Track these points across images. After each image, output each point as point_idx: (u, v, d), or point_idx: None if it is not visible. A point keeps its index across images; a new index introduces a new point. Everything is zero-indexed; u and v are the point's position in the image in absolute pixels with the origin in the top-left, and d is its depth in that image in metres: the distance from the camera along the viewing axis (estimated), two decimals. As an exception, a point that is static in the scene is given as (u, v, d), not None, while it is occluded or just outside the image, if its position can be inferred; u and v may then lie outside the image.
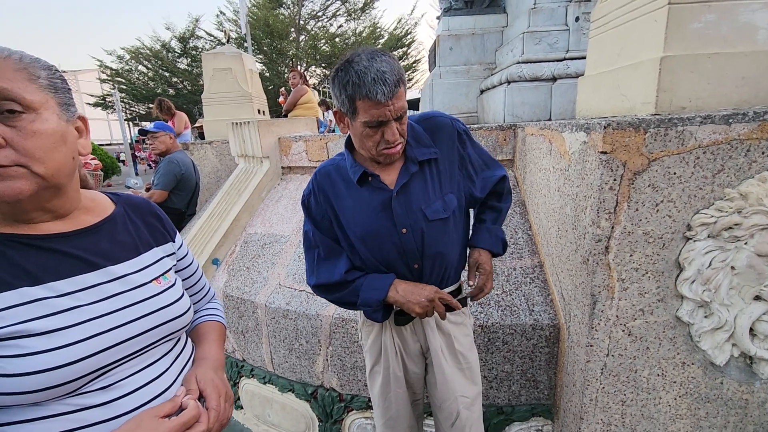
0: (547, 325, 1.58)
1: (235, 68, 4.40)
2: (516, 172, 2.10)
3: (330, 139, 2.38)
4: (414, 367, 1.31)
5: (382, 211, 1.15)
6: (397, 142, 1.09)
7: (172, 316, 0.78)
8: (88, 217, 0.76)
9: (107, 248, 0.75)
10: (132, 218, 0.84)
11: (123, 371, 0.71)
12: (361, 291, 1.17)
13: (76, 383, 0.64)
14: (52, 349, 0.61)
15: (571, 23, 3.98)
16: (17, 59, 0.63)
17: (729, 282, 1.21)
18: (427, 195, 1.16)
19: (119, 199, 0.85)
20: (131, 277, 0.76)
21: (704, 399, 1.34)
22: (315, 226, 1.23)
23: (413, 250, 1.17)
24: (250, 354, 2.19)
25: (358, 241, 1.18)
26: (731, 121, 1.14)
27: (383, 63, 1.01)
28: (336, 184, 1.19)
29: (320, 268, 1.23)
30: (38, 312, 0.63)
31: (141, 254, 0.80)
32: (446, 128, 1.21)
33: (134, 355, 0.73)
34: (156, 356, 0.77)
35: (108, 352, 0.68)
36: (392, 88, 0.99)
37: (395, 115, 1.04)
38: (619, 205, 1.22)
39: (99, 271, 0.72)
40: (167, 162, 3.21)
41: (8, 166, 0.60)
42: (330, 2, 17.64)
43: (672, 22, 1.33)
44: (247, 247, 2.39)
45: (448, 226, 1.19)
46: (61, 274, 0.68)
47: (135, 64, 18.16)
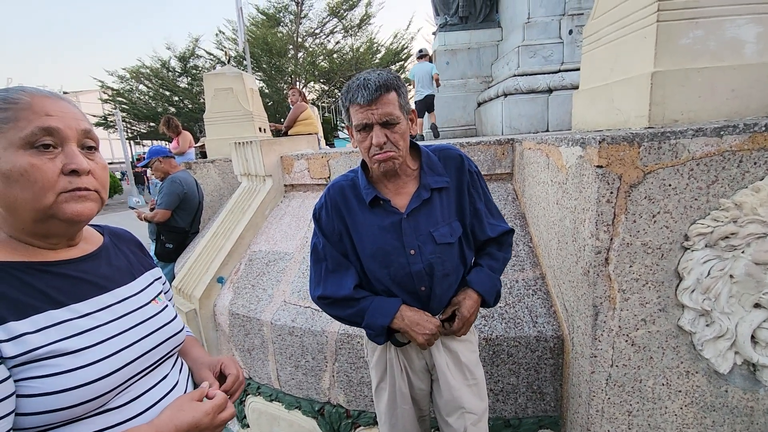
0: (551, 336, 1.60)
1: (236, 88, 4.48)
2: (515, 185, 2.13)
3: (332, 156, 2.42)
4: (420, 383, 1.32)
5: (391, 231, 1.19)
6: (386, 149, 1.12)
7: (172, 333, 0.87)
8: (87, 245, 0.84)
9: (108, 273, 0.83)
10: (119, 247, 0.92)
11: (141, 386, 0.77)
12: (368, 314, 1.19)
13: (104, 398, 0.69)
14: (83, 366, 0.67)
15: (565, 36, 4.07)
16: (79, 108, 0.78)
17: (728, 290, 1.23)
18: (436, 220, 1.20)
19: (104, 230, 0.93)
20: (133, 299, 0.83)
21: (710, 407, 1.35)
22: (325, 238, 1.25)
23: (420, 271, 1.19)
24: (256, 372, 2.20)
25: (368, 258, 1.21)
26: (722, 133, 1.17)
27: (373, 73, 1.10)
28: (349, 200, 1.23)
29: (327, 281, 1.24)
30: (66, 332, 0.69)
31: (136, 278, 0.88)
32: (458, 161, 1.26)
33: (148, 370, 0.80)
34: (166, 370, 0.85)
35: (128, 367, 0.74)
36: (372, 92, 1.07)
37: (379, 119, 1.09)
38: (617, 218, 1.25)
39: (108, 293, 0.79)
40: (170, 182, 3.26)
41: (91, 190, 0.74)
42: (327, 20, 17.95)
43: (661, 38, 1.38)
44: (251, 265, 2.41)
45: (454, 251, 1.23)
46: (78, 296, 0.74)
47: (136, 84, 18.42)
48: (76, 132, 0.72)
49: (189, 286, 2.51)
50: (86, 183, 0.72)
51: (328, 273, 1.25)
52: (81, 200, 0.72)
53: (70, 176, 0.70)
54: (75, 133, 0.72)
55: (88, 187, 0.73)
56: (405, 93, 1.15)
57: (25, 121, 0.67)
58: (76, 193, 0.71)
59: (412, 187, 1.23)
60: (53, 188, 0.69)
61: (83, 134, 0.74)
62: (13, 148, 0.67)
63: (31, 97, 0.70)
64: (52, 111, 0.70)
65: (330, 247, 1.25)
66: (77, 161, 0.71)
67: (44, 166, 0.68)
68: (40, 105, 0.70)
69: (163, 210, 3.23)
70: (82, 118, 0.75)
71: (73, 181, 0.71)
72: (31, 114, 0.68)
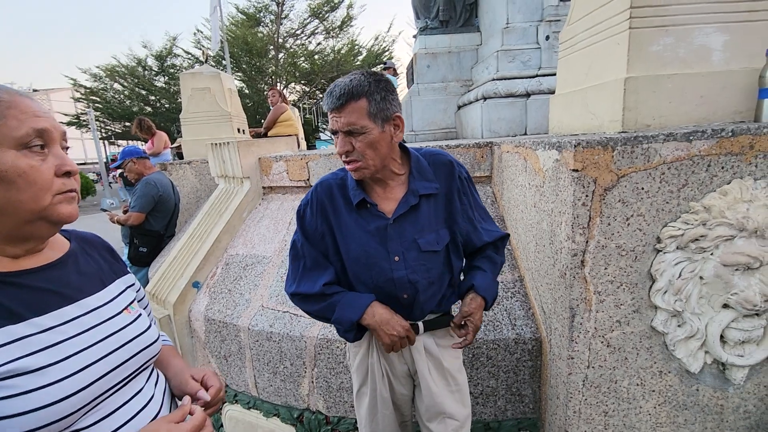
0: (529, 338, 1.61)
1: (213, 88, 4.39)
2: (494, 188, 2.15)
3: (311, 158, 2.39)
4: (401, 388, 1.30)
5: (376, 236, 1.17)
6: (351, 158, 1.10)
7: (146, 344, 0.81)
8: (52, 252, 0.78)
9: (76, 281, 0.77)
10: (89, 252, 0.86)
11: (112, 402, 0.73)
12: (338, 307, 1.16)
13: (70, 418, 0.65)
14: (44, 386, 0.62)
15: (542, 42, 4.14)
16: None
17: (698, 291, 1.26)
18: (422, 227, 1.18)
19: (70, 234, 0.88)
20: (102, 310, 0.78)
21: (682, 406, 1.38)
22: (305, 237, 1.23)
23: (403, 278, 1.17)
24: (233, 379, 2.14)
25: (352, 261, 1.19)
26: (692, 138, 1.20)
27: (346, 78, 1.08)
28: (336, 200, 1.20)
29: (303, 278, 1.22)
30: (26, 350, 0.64)
31: (107, 286, 0.83)
32: (448, 167, 1.24)
33: (120, 385, 0.75)
34: (140, 384, 0.80)
35: (97, 383, 0.69)
36: (335, 100, 1.05)
37: (342, 127, 1.07)
38: (592, 220, 1.26)
39: (74, 305, 0.74)
40: (144, 184, 3.16)
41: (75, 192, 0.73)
42: (308, 21, 17.83)
43: (633, 45, 1.41)
44: (228, 269, 2.36)
45: (439, 259, 1.21)
46: (41, 309, 0.69)
47: (110, 83, 17.90)
48: (60, 133, 0.72)
49: (163, 291, 2.43)
50: (74, 185, 0.73)
51: (304, 270, 1.22)
52: (72, 201, 0.72)
53: (63, 178, 0.71)
54: (59, 134, 0.72)
55: (75, 189, 0.73)
56: (382, 98, 1.08)
57: (15, 120, 0.65)
58: (69, 194, 0.71)
59: (400, 192, 1.20)
60: (50, 190, 0.68)
61: (62, 135, 0.74)
62: (4, 148, 0.64)
63: (11, 95, 0.68)
64: (39, 112, 0.69)
65: (309, 246, 1.22)
66: (69, 162, 0.71)
67: (42, 167, 0.67)
68: (26, 105, 0.68)
69: (137, 213, 3.14)
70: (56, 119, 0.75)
71: (66, 183, 0.71)
72: (20, 113, 0.66)
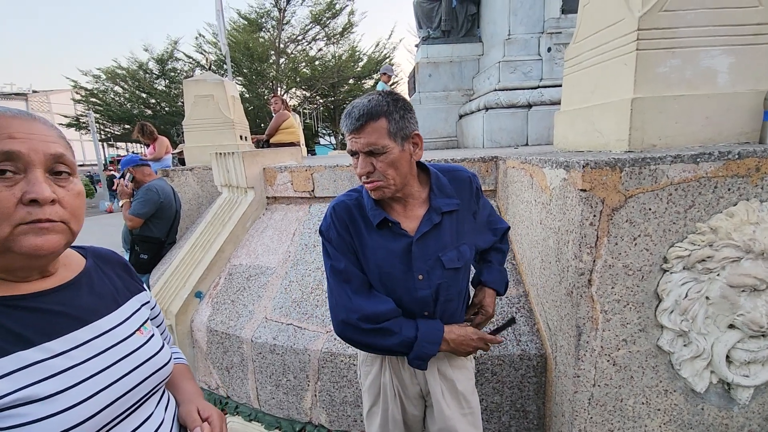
0: (534, 355, 1.61)
1: (217, 95, 4.40)
2: (499, 203, 2.16)
3: (316, 170, 2.40)
4: (413, 409, 1.29)
5: (400, 255, 1.15)
6: (372, 179, 1.09)
7: (158, 366, 0.79)
8: (66, 272, 0.77)
9: (89, 302, 0.76)
10: (104, 270, 0.85)
11: (121, 429, 0.71)
12: (415, 346, 1.12)
13: None
14: (53, 414, 0.61)
15: (544, 53, 4.18)
16: (56, 127, 0.71)
17: (705, 312, 1.27)
18: (445, 244, 1.17)
19: (87, 252, 0.86)
20: (116, 331, 0.76)
21: (687, 425, 1.38)
22: (345, 257, 1.17)
23: (427, 296, 1.16)
24: (234, 391, 2.13)
25: (375, 281, 1.17)
26: (699, 160, 1.22)
27: (364, 99, 1.07)
28: (356, 221, 1.18)
29: (361, 299, 1.14)
30: (36, 376, 0.62)
31: (120, 306, 0.81)
32: (467, 183, 1.24)
33: (131, 410, 0.73)
34: (150, 409, 0.78)
35: (108, 410, 0.68)
36: (354, 121, 1.05)
37: (363, 148, 1.06)
38: (600, 240, 1.27)
39: (87, 327, 0.72)
40: (145, 190, 3.15)
41: (56, 222, 0.66)
42: (309, 27, 17.92)
43: (640, 66, 1.42)
44: (231, 280, 2.35)
45: (459, 275, 1.21)
46: (52, 333, 0.67)
47: (111, 85, 17.91)
48: (44, 156, 0.65)
49: (165, 300, 2.43)
50: (49, 214, 0.65)
51: (358, 293, 1.15)
52: (42, 233, 0.64)
53: (30, 206, 0.63)
54: (42, 158, 0.65)
55: (52, 219, 0.65)
56: (401, 117, 1.08)
57: None
58: (36, 225, 0.64)
59: (420, 210, 1.18)
60: (8, 219, 0.62)
61: (53, 159, 0.67)
62: None
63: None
64: (17, 133, 0.64)
65: (353, 266, 1.16)
66: (37, 190, 0.63)
67: (1, 194, 0.61)
68: (4, 126, 0.63)
69: (134, 218, 3.11)
70: (55, 140, 0.68)
71: (33, 212, 0.63)
72: None
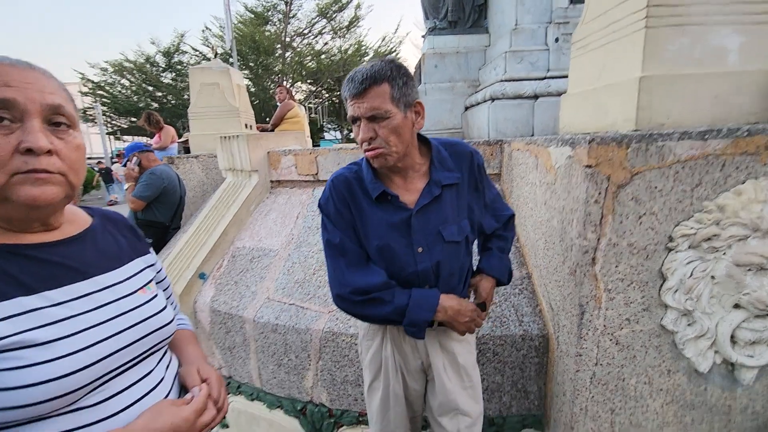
0: (536, 335, 1.61)
1: (222, 83, 4.40)
2: (503, 186, 2.15)
3: (320, 153, 2.40)
4: (414, 384, 1.29)
5: (399, 228, 1.14)
6: (374, 145, 1.07)
7: (159, 325, 0.80)
8: (71, 228, 0.77)
9: (93, 258, 0.76)
10: (110, 230, 0.85)
11: (119, 383, 0.71)
12: (408, 312, 1.11)
13: (75, 394, 0.63)
14: (50, 360, 0.61)
15: (551, 44, 4.14)
16: (56, 79, 0.70)
17: (710, 291, 1.26)
18: (445, 218, 1.16)
19: (94, 212, 0.87)
20: (118, 287, 0.77)
21: (690, 406, 1.37)
22: (341, 231, 1.17)
23: (427, 270, 1.16)
24: (236, 370, 2.15)
25: (374, 254, 1.16)
26: (707, 137, 1.20)
27: (366, 65, 1.06)
28: (355, 194, 1.17)
29: (355, 273, 1.14)
30: (35, 322, 0.63)
31: (125, 264, 0.82)
32: (469, 157, 1.23)
33: (128, 365, 0.73)
34: (150, 366, 0.78)
35: (105, 361, 0.68)
36: (357, 85, 1.03)
37: (365, 113, 1.05)
38: (605, 218, 1.26)
39: (88, 281, 0.73)
40: (148, 174, 3.17)
41: (53, 173, 0.66)
42: (316, 20, 17.89)
43: (649, 44, 1.41)
44: (234, 261, 2.36)
45: (460, 250, 1.20)
46: (53, 283, 0.68)
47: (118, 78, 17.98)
48: (40, 106, 0.65)
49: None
50: (46, 164, 0.64)
51: (352, 266, 1.15)
52: (38, 183, 0.64)
53: (26, 156, 0.63)
54: (38, 107, 0.64)
55: (49, 170, 0.65)
56: (404, 84, 1.07)
57: None
58: (32, 175, 0.63)
59: (420, 183, 1.18)
60: (4, 168, 0.61)
61: (50, 109, 0.66)
62: None
63: None
64: (13, 81, 0.63)
65: (349, 240, 1.17)
66: (32, 139, 0.63)
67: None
68: (1, 73, 0.62)
69: (137, 200, 3.12)
70: (53, 91, 0.67)
71: (30, 162, 0.63)
72: None
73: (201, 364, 0.89)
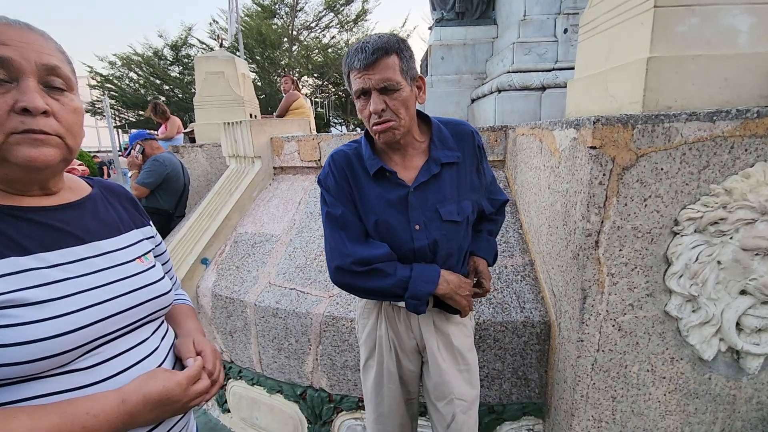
0: (538, 322, 1.59)
1: (227, 72, 4.40)
2: (507, 173, 2.12)
3: (323, 139, 2.39)
4: (409, 364, 1.28)
5: (397, 205, 1.14)
6: (385, 117, 1.06)
7: (155, 294, 0.80)
8: (70, 194, 0.78)
9: (91, 224, 0.77)
10: (109, 200, 0.85)
11: (113, 348, 0.71)
12: (410, 284, 1.11)
13: (67, 356, 0.63)
14: (44, 320, 0.61)
15: (560, 35, 4.08)
16: (55, 41, 0.69)
17: (715, 276, 1.23)
18: (444, 196, 1.16)
19: (94, 182, 0.87)
20: (116, 254, 0.77)
21: (693, 394, 1.35)
22: (342, 204, 1.16)
23: (424, 247, 1.15)
24: (237, 355, 2.15)
25: (372, 229, 1.16)
26: (715, 118, 1.17)
27: (374, 36, 1.05)
28: (355, 170, 1.17)
29: (356, 245, 1.13)
30: (29, 282, 0.63)
31: (123, 233, 0.82)
32: (470, 137, 1.22)
33: (122, 331, 0.73)
34: (145, 335, 0.78)
35: (98, 325, 0.68)
36: (369, 55, 1.02)
37: (377, 84, 1.03)
38: (609, 200, 1.24)
39: (86, 246, 0.73)
40: (152, 161, 3.18)
41: (49, 134, 0.65)
42: (323, 14, 17.81)
43: (658, 25, 1.37)
44: (237, 247, 2.36)
45: (459, 230, 1.19)
46: (49, 245, 0.68)
47: (126, 71, 18.06)
48: (35, 66, 0.64)
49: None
50: (43, 125, 0.64)
51: (353, 240, 1.14)
52: (36, 144, 0.64)
53: (23, 116, 0.62)
54: (33, 67, 0.64)
55: (46, 131, 0.64)
56: (409, 57, 1.08)
57: None
58: (30, 135, 0.63)
59: (419, 161, 1.17)
60: (1, 127, 0.61)
61: (46, 70, 0.65)
62: None
63: None
64: (9, 40, 0.62)
65: (350, 214, 1.16)
66: (27, 99, 0.62)
67: None
68: None
69: (140, 187, 3.13)
70: (50, 52, 0.67)
71: (26, 122, 0.62)
72: None
73: (197, 336, 0.88)
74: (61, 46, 0.71)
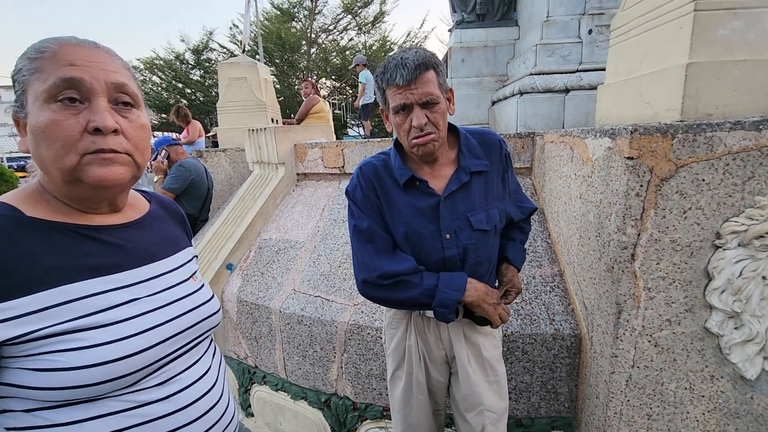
0: (568, 335, 1.55)
1: (250, 77, 4.46)
2: (534, 180, 2.08)
3: (346, 146, 2.39)
4: (438, 375, 1.27)
5: (428, 214, 1.14)
6: (427, 131, 1.08)
7: (208, 313, 0.81)
8: (132, 212, 0.79)
9: (151, 243, 0.77)
10: (165, 217, 0.86)
11: (176, 366, 0.72)
12: (438, 291, 1.10)
13: (134, 376, 0.64)
14: (111, 342, 0.62)
15: (584, 36, 3.99)
16: (120, 57, 0.70)
17: (761, 292, 1.18)
18: (474, 205, 1.16)
19: (151, 197, 0.88)
20: (172, 275, 0.78)
21: (734, 414, 1.29)
22: (369, 217, 1.17)
23: (454, 257, 1.15)
24: (262, 360, 2.17)
25: (402, 240, 1.16)
26: (761, 127, 1.12)
27: (410, 52, 1.06)
28: (383, 181, 1.18)
29: (383, 259, 1.13)
30: (98, 305, 0.64)
31: (177, 252, 0.83)
32: (497, 146, 1.23)
33: (182, 350, 0.74)
34: (200, 353, 0.79)
35: (162, 345, 0.69)
36: (412, 71, 1.02)
37: (419, 99, 1.05)
38: (646, 212, 1.20)
39: (148, 266, 0.74)
40: (177, 166, 3.24)
41: (119, 153, 0.66)
42: (341, 16, 17.90)
43: (698, 29, 1.32)
44: (261, 253, 2.39)
45: (489, 238, 1.19)
46: (117, 267, 0.69)
47: (149, 75, 18.52)
48: (105, 85, 0.64)
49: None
50: (112, 144, 0.64)
51: (380, 253, 1.15)
52: (106, 164, 0.64)
53: (94, 135, 0.63)
54: (103, 86, 0.64)
55: (115, 149, 0.64)
56: (443, 71, 1.11)
57: (47, 72, 0.61)
58: (100, 155, 0.63)
59: (448, 170, 1.18)
60: (75, 148, 0.61)
61: (114, 88, 0.66)
62: (39, 102, 0.61)
63: (59, 45, 0.63)
64: (78, 60, 0.63)
65: (377, 226, 1.16)
66: (99, 118, 0.62)
67: (66, 122, 0.61)
68: (65, 53, 0.62)
69: (167, 192, 3.19)
70: (116, 70, 0.67)
71: (97, 141, 0.63)
72: (53, 64, 0.61)
73: None
74: (126, 63, 0.72)
